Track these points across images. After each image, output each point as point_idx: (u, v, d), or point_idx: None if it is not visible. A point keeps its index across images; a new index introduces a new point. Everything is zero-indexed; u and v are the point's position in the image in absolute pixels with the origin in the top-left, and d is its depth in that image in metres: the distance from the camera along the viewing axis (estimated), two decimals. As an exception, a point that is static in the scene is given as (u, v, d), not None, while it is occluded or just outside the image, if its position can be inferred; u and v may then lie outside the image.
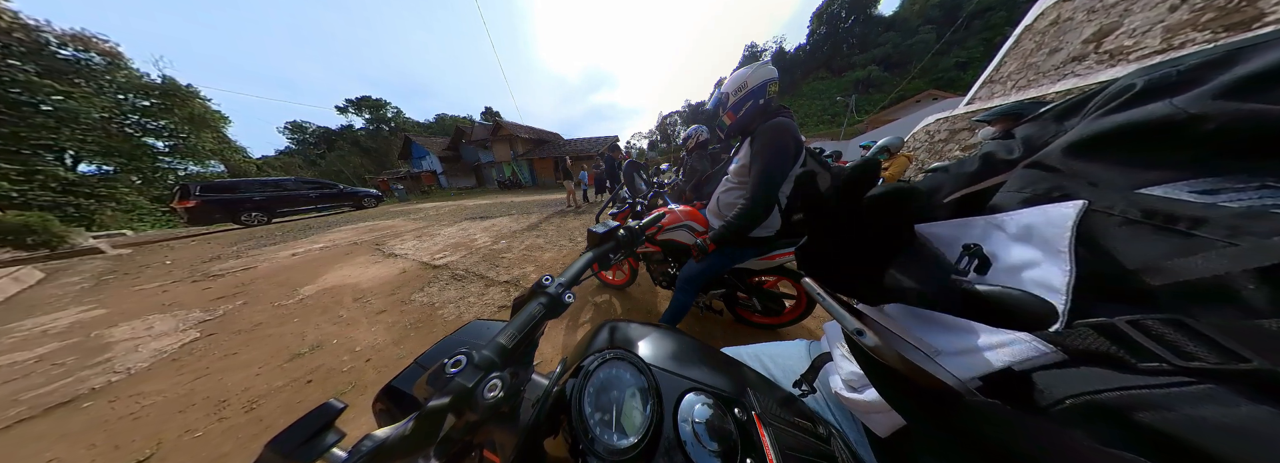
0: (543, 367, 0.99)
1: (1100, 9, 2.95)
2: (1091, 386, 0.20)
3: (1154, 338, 0.19)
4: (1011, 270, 0.28)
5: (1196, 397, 0.17)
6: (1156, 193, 0.22)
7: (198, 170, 21.65)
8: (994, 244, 0.31)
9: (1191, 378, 0.17)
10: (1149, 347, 0.19)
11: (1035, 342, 0.23)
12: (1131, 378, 0.19)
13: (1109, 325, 0.21)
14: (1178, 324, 0.19)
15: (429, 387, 0.26)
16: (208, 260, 4.33)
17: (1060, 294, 0.25)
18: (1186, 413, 0.16)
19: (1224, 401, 0.16)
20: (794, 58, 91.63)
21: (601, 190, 5.97)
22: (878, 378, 0.28)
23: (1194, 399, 0.17)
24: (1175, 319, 0.19)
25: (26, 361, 2.09)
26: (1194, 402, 0.17)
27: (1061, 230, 0.26)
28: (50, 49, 17.67)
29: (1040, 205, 0.28)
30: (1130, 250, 0.22)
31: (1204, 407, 0.16)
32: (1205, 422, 0.16)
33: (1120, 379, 0.19)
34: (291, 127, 67.55)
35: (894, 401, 0.27)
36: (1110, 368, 0.20)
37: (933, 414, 0.24)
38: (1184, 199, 0.21)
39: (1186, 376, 0.17)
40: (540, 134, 23.35)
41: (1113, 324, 0.20)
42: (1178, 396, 0.17)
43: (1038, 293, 0.25)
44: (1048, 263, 0.26)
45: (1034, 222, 0.28)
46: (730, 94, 1.11)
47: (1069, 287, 0.24)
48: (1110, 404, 0.19)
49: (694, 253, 1.11)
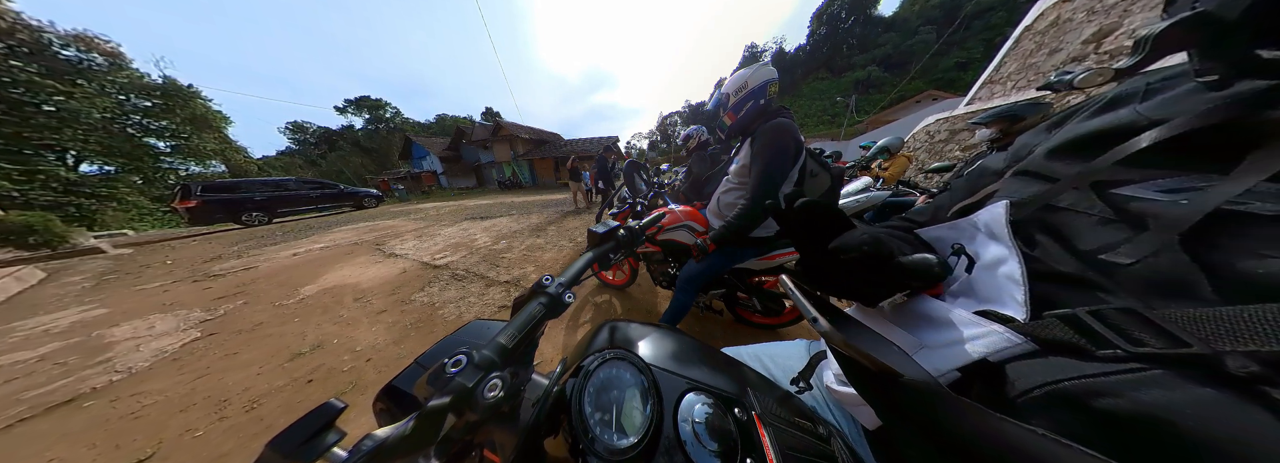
0: (543, 367, 0.99)
1: (1100, 10, 2.95)
2: (1055, 375, 0.21)
3: (1110, 326, 0.20)
4: (990, 266, 0.31)
5: (1142, 382, 0.18)
6: (1127, 193, 0.23)
7: (199, 170, 21.71)
8: (975, 243, 0.34)
9: (1142, 365, 0.18)
10: (1105, 335, 0.20)
11: (1008, 333, 0.25)
12: (1091, 366, 0.20)
13: (1072, 316, 0.22)
14: (1131, 313, 0.20)
15: (429, 387, 0.26)
16: (209, 260, 4.34)
17: (1020, 285, 0.27)
18: (1133, 397, 0.17)
19: (1166, 385, 0.17)
20: (794, 58, 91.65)
21: (597, 190, 5.85)
22: (848, 371, 0.28)
23: (1139, 384, 0.18)
24: (1129, 308, 0.20)
25: (29, 360, 2.09)
26: (1139, 387, 0.18)
27: (1002, 227, 0.29)
28: (52, 49, 17.71)
29: (988, 206, 0.32)
30: (1105, 248, 0.23)
31: (1147, 391, 0.17)
32: (1149, 405, 0.17)
33: (1081, 368, 0.20)
34: (292, 127, 67.61)
35: (857, 385, 0.28)
36: (1074, 356, 0.21)
37: (883, 398, 0.25)
38: (1151, 197, 0.22)
39: (1137, 362, 0.19)
40: (540, 134, 23.37)
41: (1075, 314, 0.22)
42: (1127, 381, 0.18)
43: (1008, 287, 0.28)
44: (1010, 258, 0.28)
45: (987, 219, 0.31)
46: (730, 95, 1.12)
47: (1024, 277, 0.27)
48: (1071, 392, 0.20)
49: (694, 253, 1.11)
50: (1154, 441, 0.16)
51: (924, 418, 0.21)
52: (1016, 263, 0.27)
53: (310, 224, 7.46)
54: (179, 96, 19.17)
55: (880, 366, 0.22)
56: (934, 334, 0.31)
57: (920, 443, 0.22)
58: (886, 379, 0.23)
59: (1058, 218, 0.26)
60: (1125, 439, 0.17)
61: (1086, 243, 0.24)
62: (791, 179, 1.04)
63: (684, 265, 1.33)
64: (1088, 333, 0.21)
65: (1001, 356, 0.25)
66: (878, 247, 0.29)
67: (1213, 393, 0.16)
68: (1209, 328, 0.17)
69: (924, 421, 0.22)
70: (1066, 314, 0.22)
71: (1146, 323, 0.19)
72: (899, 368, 0.22)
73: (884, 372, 0.22)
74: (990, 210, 0.31)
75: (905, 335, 0.34)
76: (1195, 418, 0.16)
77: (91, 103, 16.14)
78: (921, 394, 0.21)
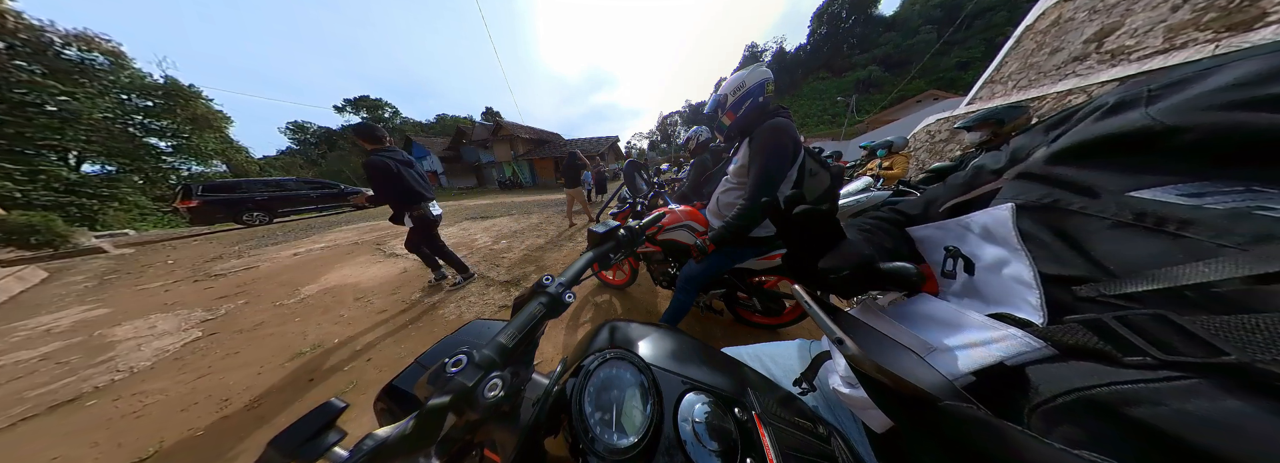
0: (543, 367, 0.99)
1: (1102, 9, 2.94)
2: (1083, 381, 0.20)
3: (1139, 333, 0.20)
4: (992, 268, 0.31)
5: (1184, 391, 0.17)
6: (1146, 196, 0.23)
7: (201, 170, 21.73)
8: (970, 245, 0.34)
9: (1175, 373, 0.18)
10: (1134, 342, 0.19)
11: (1027, 337, 0.24)
12: (1119, 373, 0.19)
13: (1097, 321, 0.21)
14: (1162, 320, 0.19)
15: (430, 386, 0.26)
16: (210, 260, 4.35)
17: (1033, 288, 0.26)
18: (1175, 407, 0.17)
19: (1209, 395, 0.16)
20: (794, 58, 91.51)
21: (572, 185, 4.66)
22: (864, 379, 0.28)
23: (1182, 394, 0.17)
24: (1160, 315, 0.19)
25: (31, 359, 2.10)
26: (1182, 396, 0.17)
27: (1008, 230, 0.29)
28: (54, 49, 17.75)
29: (988, 209, 0.31)
30: (1121, 252, 0.23)
31: (1192, 401, 0.16)
32: (1193, 416, 0.16)
33: (1108, 374, 0.20)
34: (293, 127, 67.65)
35: (879, 401, 0.28)
36: (1097, 362, 0.21)
37: (913, 417, 0.25)
38: (1172, 201, 0.22)
39: (1169, 370, 0.18)
40: (541, 134, 23.37)
41: (1101, 320, 0.21)
42: (1166, 390, 0.17)
43: (1018, 290, 0.27)
44: (1015, 261, 0.28)
45: (988, 222, 0.31)
46: (728, 95, 1.12)
47: (1037, 280, 0.26)
48: (1102, 400, 0.19)
49: (694, 253, 1.11)
50: (1195, 453, 0.16)
51: (959, 441, 0.21)
52: (1026, 266, 0.27)
53: (311, 224, 7.48)
54: (180, 96, 19.21)
55: (914, 390, 0.22)
56: (946, 336, 0.31)
57: (946, 458, 0.21)
58: (919, 401, 0.22)
59: (1068, 221, 0.26)
60: (1164, 450, 0.16)
61: (1100, 246, 0.24)
62: (790, 179, 1.04)
63: (684, 265, 1.33)
64: (1114, 339, 0.20)
65: (1019, 360, 0.25)
66: (863, 267, 0.31)
67: (1260, 404, 0.15)
68: (1248, 336, 0.16)
69: (959, 443, 0.21)
70: (1091, 319, 0.22)
71: (1180, 330, 0.18)
72: (930, 388, 0.22)
73: (918, 396, 0.22)
74: (992, 214, 0.31)
75: (913, 337, 0.33)
76: (1240, 430, 0.15)
77: (93, 103, 16.17)
78: (961, 420, 0.21)
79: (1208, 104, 0.22)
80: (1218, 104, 0.21)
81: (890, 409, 0.28)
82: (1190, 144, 0.22)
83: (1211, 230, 0.20)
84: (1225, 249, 0.19)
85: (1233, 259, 0.18)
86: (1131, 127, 0.24)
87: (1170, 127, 0.23)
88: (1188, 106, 0.23)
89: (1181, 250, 0.20)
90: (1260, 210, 0.19)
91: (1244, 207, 0.19)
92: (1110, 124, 0.26)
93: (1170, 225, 0.21)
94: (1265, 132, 0.19)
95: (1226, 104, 0.21)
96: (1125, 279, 0.22)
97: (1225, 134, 0.20)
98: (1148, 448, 0.17)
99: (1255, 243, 0.18)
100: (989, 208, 0.31)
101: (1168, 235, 0.21)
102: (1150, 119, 0.24)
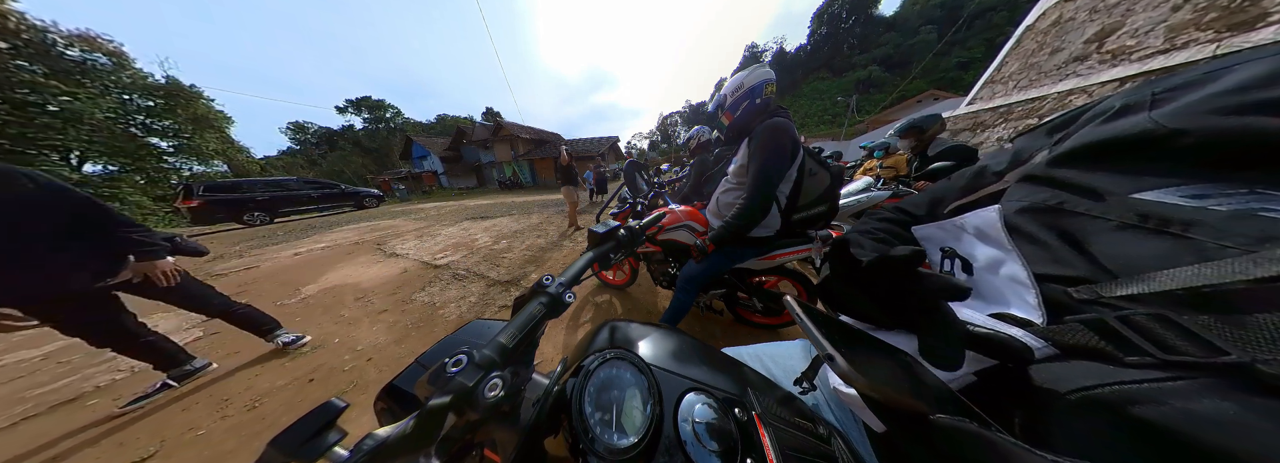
0: (543, 367, 0.99)
1: (1103, 9, 2.93)
2: (1085, 381, 0.20)
3: (1140, 333, 0.20)
4: (990, 268, 0.31)
5: (1186, 391, 0.17)
6: (1150, 198, 0.23)
7: (202, 170, 21.77)
8: (966, 246, 0.34)
9: (1178, 373, 0.18)
10: (1136, 341, 0.20)
11: (1028, 337, 0.25)
12: (1122, 372, 0.20)
13: (1098, 321, 0.22)
14: (1163, 319, 0.19)
15: (430, 386, 0.26)
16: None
17: (1030, 288, 0.27)
18: (1178, 407, 0.17)
19: (1212, 394, 0.16)
20: (795, 58, 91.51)
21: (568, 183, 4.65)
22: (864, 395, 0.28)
23: (1184, 393, 0.17)
24: (1161, 314, 0.20)
25: (33, 358, 2.11)
26: (1185, 396, 0.17)
27: (998, 231, 0.29)
28: (56, 49, 17.80)
29: (977, 210, 0.32)
30: (1124, 253, 0.23)
31: (1194, 401, 0.17)
32: (1196, 415, 0.16)
33: (1110, 374, 0.20)
34: (294, 127, 67.80)
35: (873, 409, 0.28)
36: (1099, 362, 0.21)
37: (904, 428, 0.25)
38: (1176, 203, 0.22)
39: (1171, 369, 0.18)
40: (541, 134, 23.38)
41: (1102, 319, 0.21)
42: (1169, 390, 0.18)
43: (1015, 289, 0.28)
44: (1010, 261, 0.28)
45: (979, 223, 0.32)
46: (728, 95, 1.12)
47: (1032, 280, 0.27)
48: (1105, 399, 0.19)
49: (694, 253, 1.11)
50: (1199, 451, 0.16)
51: (954, 452, 0.21)
52: (1019, 265, 0.27)
53: (311, 224, 7.48)
54: (181, 96, 19.24)
55: (905, 404, 0.22)
56: None
57: None
58: (912, 415, 0.22)
59: (1073, 223, 0.26)
60: (1168, 449, 0.17)
61: (1103, 248, 0.24)
62: (789, 178, 1.04)
63: (684, 265, 1.33)
64: (1115, 339, 0.20)
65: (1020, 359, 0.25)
66: (909, 265, 0.28)
67: (1262, 404, 0.15)
68: (1249, 336, 0.16)
69: (953, 454, 0.21)
70: (1093, 319, 0.22)
71: (1181, 330, 0.19)
72: (923, 395, 0.22)
73: (913, 411, 0.22)
74: (980, 215, 0.32)
75: (911, 340, 0.33)
76: (1243, 429, 0.15)
77: (95, 103, 16.20)
78: (952, 432, 0.21)
79: (1212, 108, 0.22)
80: (1222, 108, 0.21)
81: (884, 418, 0.28)
82: (1194, 147, 0.22)
83: (1215, 232, 0.20)
84: (1228, 250, 0.19)
85: (1236, 261, 0.18)
86: (1135, 130, 0.24)
87: (1174, 130, 0.23)
88: (1192, 110, 0.23)
89: (1185, 252, 0.20)
90: (1263, 212, 0.19)
91: (1247, 208, 0.19)
92: (1114, 128, 0.26)
93: (1174, 227, 0.21)
94: (1269, 135, 0.19)
95: (1230, 108, 0.21)
96: (1127, 280, 0.22)
97: (1229, 138, 0.21)
98: (1151, 447, 0.17)
99: (1258, 244, 0.18)
100: (978, 209, 0.32)
101: (1171, 237, 0.21)
102: (1154, 123, 0.24)
